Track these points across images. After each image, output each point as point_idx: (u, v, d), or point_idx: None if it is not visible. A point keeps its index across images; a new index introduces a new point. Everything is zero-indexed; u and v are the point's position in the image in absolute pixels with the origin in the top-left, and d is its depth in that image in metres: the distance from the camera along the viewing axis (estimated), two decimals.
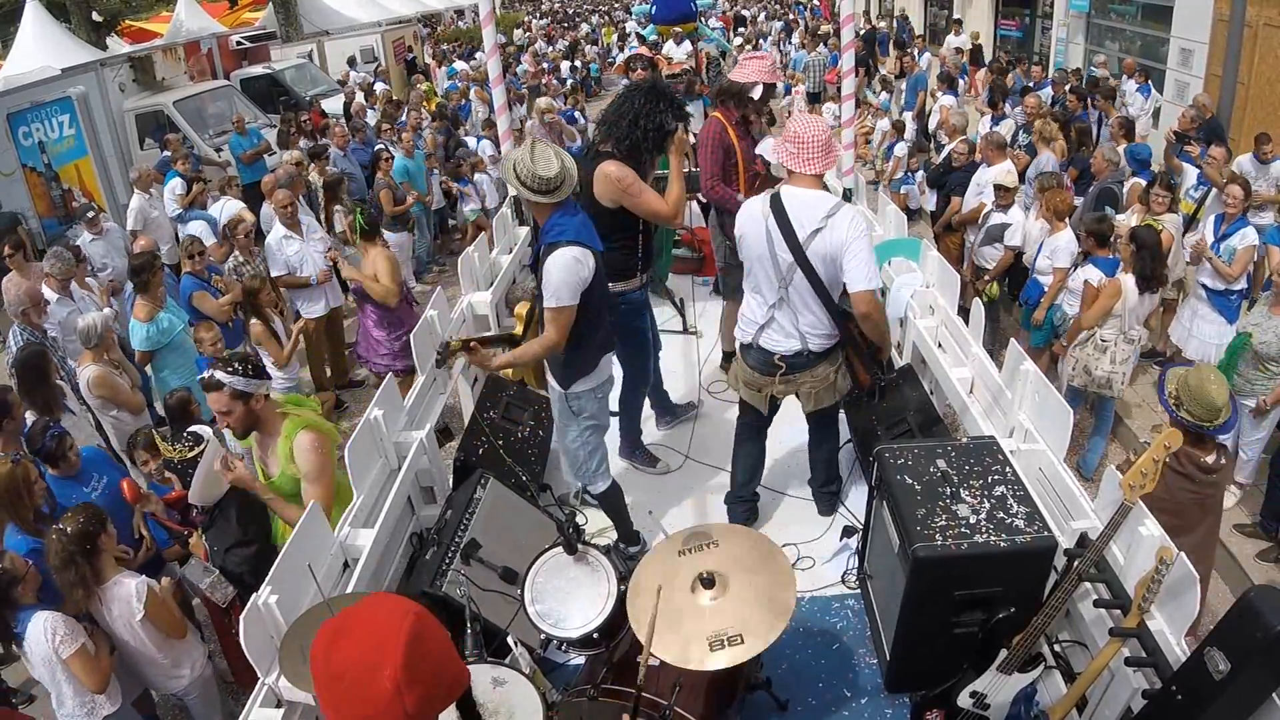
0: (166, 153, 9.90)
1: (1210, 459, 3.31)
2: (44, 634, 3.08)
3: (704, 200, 5.28)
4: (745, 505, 3.87)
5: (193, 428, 4.37)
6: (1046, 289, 5.76)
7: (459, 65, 19.07)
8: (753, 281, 3.40)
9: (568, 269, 3.02)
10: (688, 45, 10.27)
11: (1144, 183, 6.27)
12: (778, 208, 3.18)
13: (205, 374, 3.10)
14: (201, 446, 3.90)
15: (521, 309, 4.71)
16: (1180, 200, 6.67)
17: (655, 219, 3.73)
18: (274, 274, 6.60)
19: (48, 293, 5.86)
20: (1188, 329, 5.62)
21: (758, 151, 4.63)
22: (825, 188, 3.30)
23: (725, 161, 4.42)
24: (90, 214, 7.82)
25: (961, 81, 12.56)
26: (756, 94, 4.41)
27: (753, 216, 3.28)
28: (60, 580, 3.19)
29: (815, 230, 3.12)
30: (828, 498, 3.95)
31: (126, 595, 3.26)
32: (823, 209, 3.13)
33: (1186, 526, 3.26)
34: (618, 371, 4.12)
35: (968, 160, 7.35)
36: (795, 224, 3.15)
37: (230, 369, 3.05)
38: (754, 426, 3.73)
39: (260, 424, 3.20)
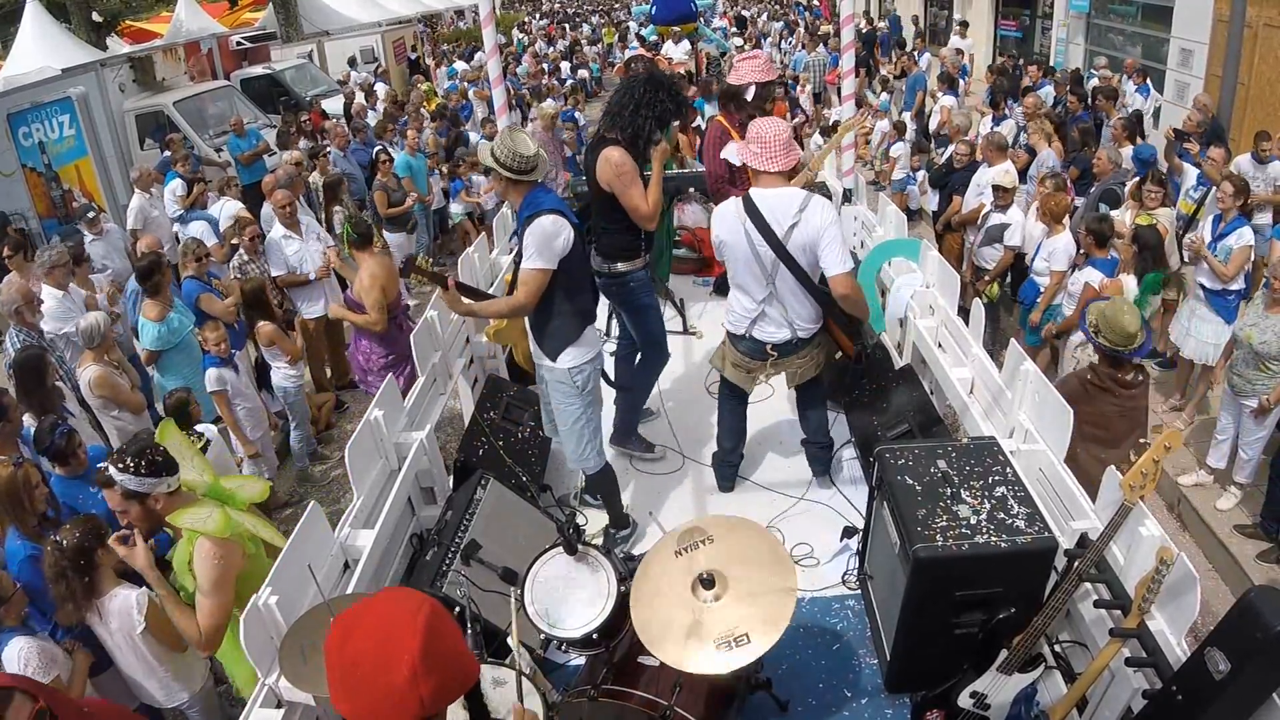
0: (168, 153, 9.92)
1: (1129, 377, 3.85)
2: (17, 664, 3.03)
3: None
4: (732, 468, 4.14)
5: (197, 427, 4.37)
6: (1043, 290, 5.76)
7: (459, 66, 19.06)
8: (739, 281, 3.54)
9: (546, 233, 3.13)
10: (686, 44, 10.28)
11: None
12: (751, 210, 3.34)
13: (100, 466, 2.86)
14: (203, 444, 3.88)
15: (508, 275, 4.69)
16: (1181, 200, 6.67)
17: (633, 214, 3.79)
18: (274, 274, 6.61)
19: (47, 290, 5.85)
20: (1186, 328, 5.62)
21: (722, 156, 4.67)
22: (812, 184, 3.45)
23: (730, 164, 4.46)
24: (90, 214, 7.82)
25: (962, 82, 12.54)
26: (749, 95, 4.44)
27: (728, 221, 3.43)
28: (53, 592, 3.17)
29: (792, 225, 3.30)
30: (819, 452, 4.06)
31: (126, 608, 3.20)
32: (795, 204, 3.30)
33: (1113, 438, 3.70)
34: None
35: (969, 161, 7.36)
36: (772, 222, 3.31)
37: (121, 464, 2.77)
38: (736, 397, 3.97)
39: (165, 523, 2.96)
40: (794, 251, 3.32)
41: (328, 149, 9.45)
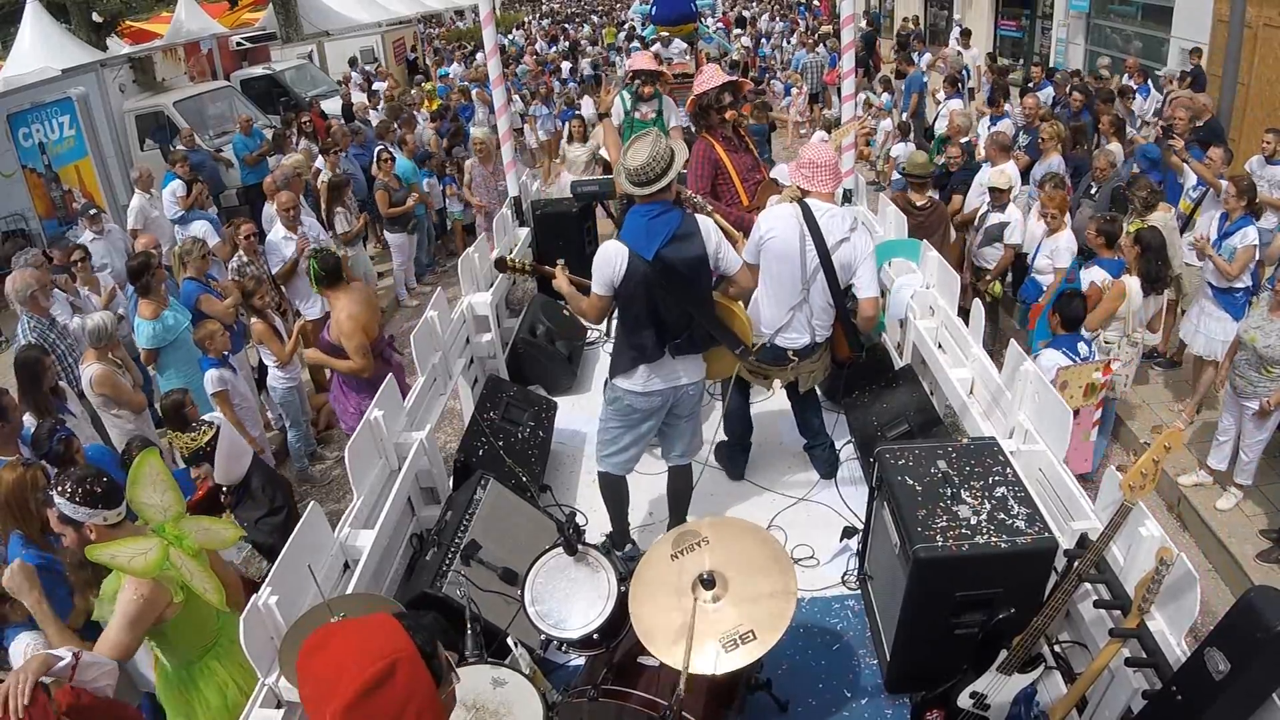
0: (182, 147, 10.01)
1: (920, 202, 6.24)
2: (23, 660, 3.04)
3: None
4: (745, 451, 4.27)
5: (206, 416, 4.42)
6: (1045, 288, 5.76)
7: (455, 68, 19.05)
8: (774, 286, 3.63)
9: (601, 259, 3.17)
10: (677, 44, 10.21)
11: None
12: (809, 217, 3.53)
13: (51, 485, 2.77)
14: (213, 434, 3.94)
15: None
16: (1181, 200, 6.67)
17: None
18: (274, 271, 6.63)
19: None
20: (1195, 326, 5.63)
21: (773, 175, 4.69)
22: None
23: (715, 177, 4.50)
24: (92, 211, 7.82)
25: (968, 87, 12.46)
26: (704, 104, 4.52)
27: (786, 221, 3.56)
28: (75, 580, 3.16)
29: (841, 240, 3.55)
30: (824, 453, 4.15)
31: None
32: (847, 223, 3.58)
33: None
34: None
35: (964, 162, 7.37)
36: (825, 232, 3.52)
37: (60, 488, 2.70)
38: (741, 393, 4.11)
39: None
40: (836, 264, 3.56)
41: (337, 150, 9.43)
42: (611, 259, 3.13)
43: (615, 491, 3.66)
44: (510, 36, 25.30)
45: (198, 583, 2.79)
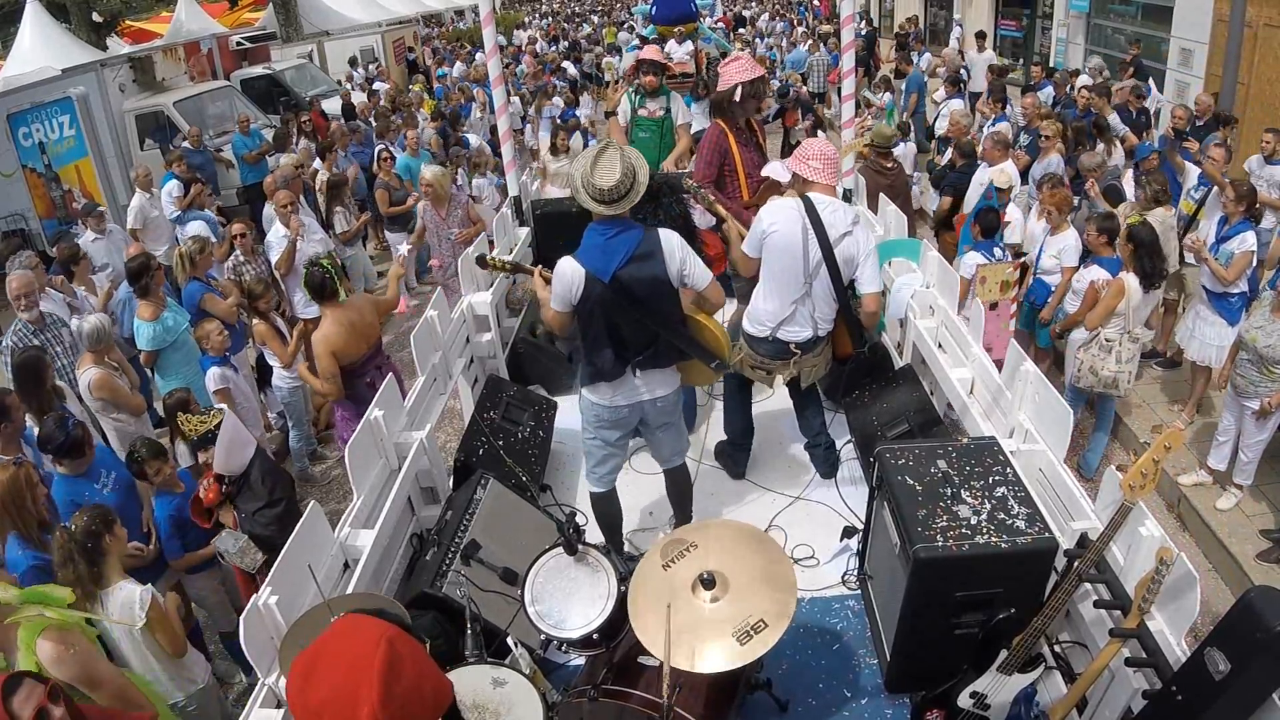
0: (186, 144, 10.08)
1: (889, 165, 7.22)
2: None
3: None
4: (745, 452, 4.25)
5: (218, 405, 4.43)
6: (1054, 288, 5.77)
7: (458, 67, 19.03)
8: (776, 280, 3.61)
9: (556, 278, 3.10)
10: (689, 45, 10.24)
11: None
12: (810, 210, 3.50)
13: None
14: (216, 422, 3.93)
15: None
16: (1183, 200, 6.66)
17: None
18: (272, 263, 6.66)
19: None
20: (1190, 330, 5.62)
21: (765, 172, 4.67)
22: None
23: (721, 166, 4.45)
24: (97, 210, 7.81)
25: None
26: (737, 96, 4.43)
27: (788, 214, 3.53)
28: (60, 578, 3.16)
29: (844, 234, 3.53)
30: (825, 453, 4.14)
31: (129, 601, 3.18)
32: (849, 217, 3.57)
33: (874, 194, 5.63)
34: None
35: (968, 162, 7.36)
36: (828, 225, 3.50)
37: None
38: (742, 392, 4.10)
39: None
40: (839, 258, 3.54)
41: (336, 150, 9.43)
42: (569, 280, 3.04)
43: (606, 509, 3.63)
44: (521, 36, 25.31)
45: (95, 612, 2.88)
